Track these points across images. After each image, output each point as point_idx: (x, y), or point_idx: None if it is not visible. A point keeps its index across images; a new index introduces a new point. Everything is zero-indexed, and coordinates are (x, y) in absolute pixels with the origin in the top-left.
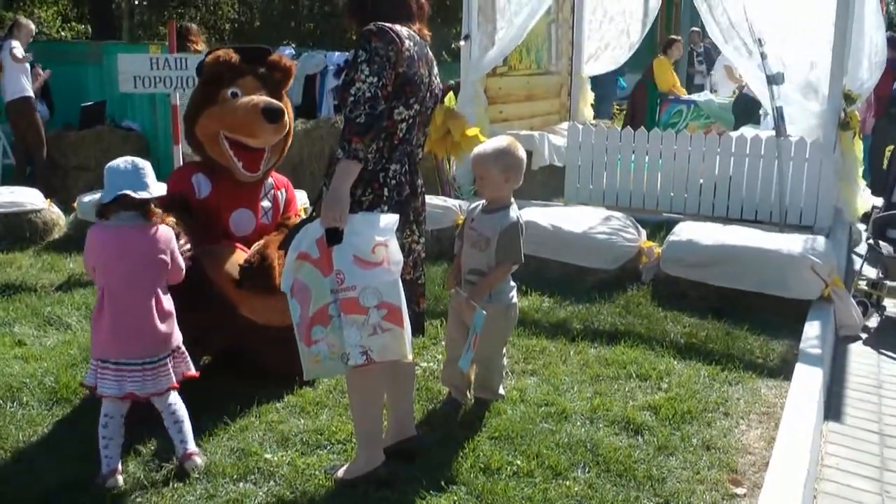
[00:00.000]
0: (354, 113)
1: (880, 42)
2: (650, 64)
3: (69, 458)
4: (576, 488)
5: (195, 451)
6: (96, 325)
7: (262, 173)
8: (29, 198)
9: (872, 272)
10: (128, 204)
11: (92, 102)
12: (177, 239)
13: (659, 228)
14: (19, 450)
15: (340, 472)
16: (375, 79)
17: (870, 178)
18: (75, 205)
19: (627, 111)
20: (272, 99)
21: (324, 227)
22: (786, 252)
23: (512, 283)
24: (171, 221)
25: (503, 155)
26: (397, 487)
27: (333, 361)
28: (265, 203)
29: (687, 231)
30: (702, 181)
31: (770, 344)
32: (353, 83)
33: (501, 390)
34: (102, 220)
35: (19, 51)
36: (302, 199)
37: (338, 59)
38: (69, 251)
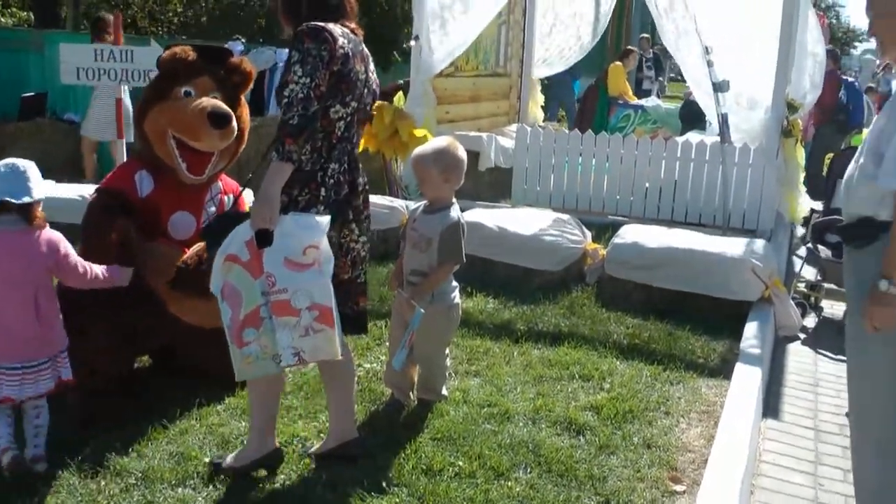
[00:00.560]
0: (288, 115)
1: (821, 54)
2: (605, 69)
3: None
4: (517, 489)
5: (43, 458)
6: None
7: (207, 177)
8: None
9: (811, 274)
10: (9, 208)
11: (32, 93)
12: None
13: (604, 231)
14: None
15: (229, 458)
16: (308, 80)
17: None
18: None
19: (577, 114)
20: (222, 104)
21: (254, 229)
22: (727, 255)
23: (454, 284)
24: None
25: (442, 155)
26: (339, 490)
27: (265, 362)
28: (210, 208)
29: (631, 233)
30: (647, 185)
31: (711, 344)
32: (287, 85)
33: (444, 391)
34: None
35: None
36: (249, 200)
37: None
38: None
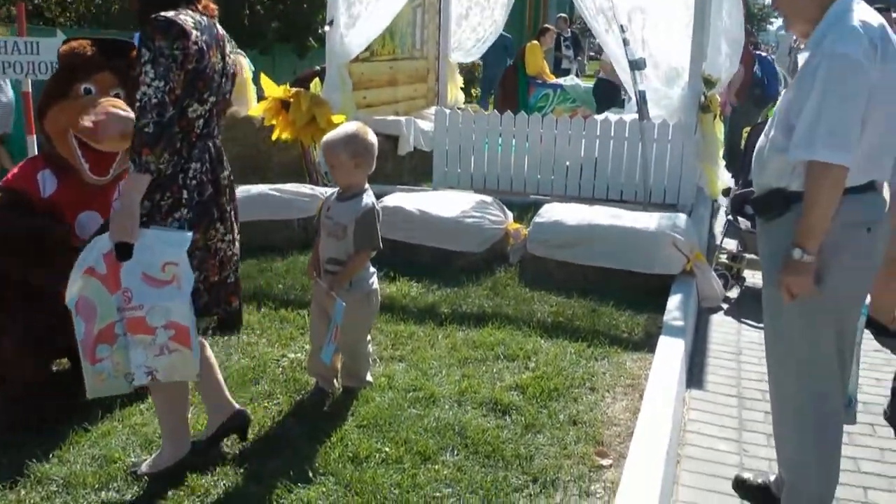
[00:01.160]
0: (142, 121)
1: (737, 31)
2: (522, 49)
3: None
4: (445, 472)
5: None
6: None
7: (112, 177)
8: None
9: (733, 245)
10: None
11: None
12: None
13: (527, 210)
14: None
15: (144, 466)
16: (162, 83)
17: (728, 158)
18: None
19: (497, 95)
20: (122, 104)
21: (113, 242)
22: (648, 230)
23: (372, 269)
24: None
25: (351, 141)
26: (265, 483)
27: (117, 380)
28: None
29: (552, 212)
30: (568, 163)
31: (635, 319)
32: (139, 87)
33: (369, 377)
34: None
35: None
36: None
37: None
38: None
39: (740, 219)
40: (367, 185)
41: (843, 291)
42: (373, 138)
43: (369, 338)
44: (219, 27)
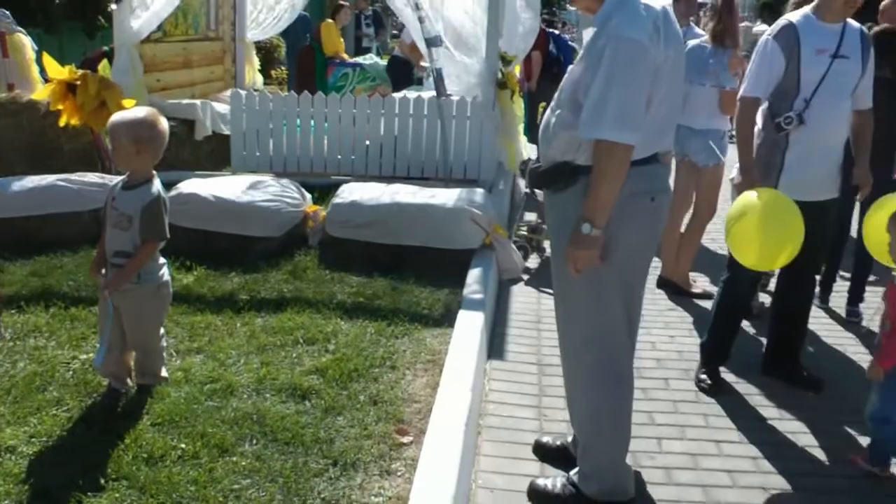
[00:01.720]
0: None
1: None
2: (317, 27)
3: None
4: (243, 462)
5: None
6: None
7: None
8: None
9: (532, 217)
10: None
11: None
12: None
13: (329, 192)
14: None
15: None
16: None
17: (528, 133)
18: None
19: (294, 75)
20: None
21: None
22: (446, 206)
23: (162, 261)
24: None
25: (135, 125)
26: (52, 495)
27: None
28: None
29: (350, 192)
30: (368, 142)
31: (435, 295)
32: None
33: (164, 372)
34: None
35: None
36: None
37: None
38: None
39: (537, 191)
40: (153, 173)
41: (629, 259)
42: (162, 126)
43: (162, 331)
44: None
